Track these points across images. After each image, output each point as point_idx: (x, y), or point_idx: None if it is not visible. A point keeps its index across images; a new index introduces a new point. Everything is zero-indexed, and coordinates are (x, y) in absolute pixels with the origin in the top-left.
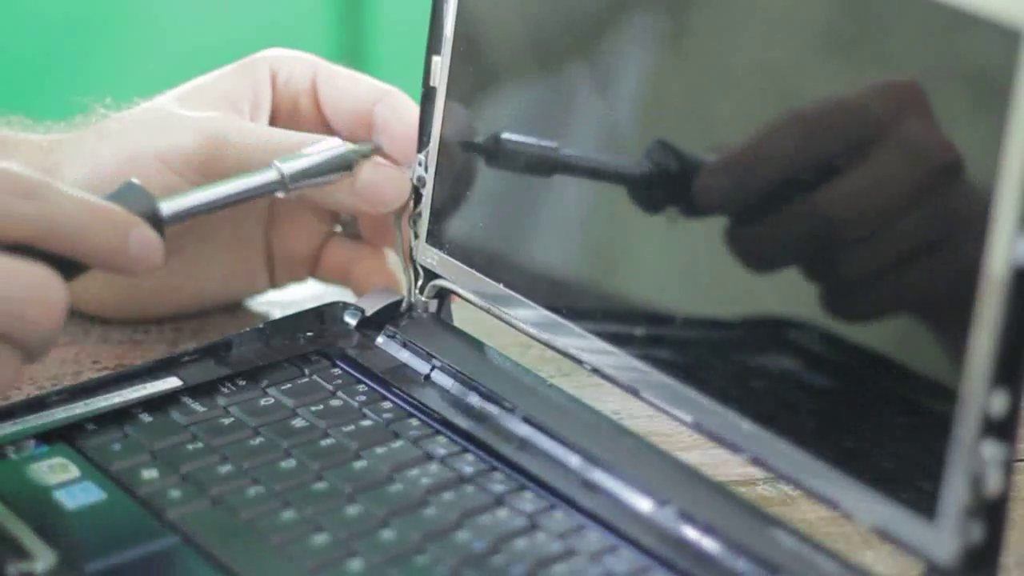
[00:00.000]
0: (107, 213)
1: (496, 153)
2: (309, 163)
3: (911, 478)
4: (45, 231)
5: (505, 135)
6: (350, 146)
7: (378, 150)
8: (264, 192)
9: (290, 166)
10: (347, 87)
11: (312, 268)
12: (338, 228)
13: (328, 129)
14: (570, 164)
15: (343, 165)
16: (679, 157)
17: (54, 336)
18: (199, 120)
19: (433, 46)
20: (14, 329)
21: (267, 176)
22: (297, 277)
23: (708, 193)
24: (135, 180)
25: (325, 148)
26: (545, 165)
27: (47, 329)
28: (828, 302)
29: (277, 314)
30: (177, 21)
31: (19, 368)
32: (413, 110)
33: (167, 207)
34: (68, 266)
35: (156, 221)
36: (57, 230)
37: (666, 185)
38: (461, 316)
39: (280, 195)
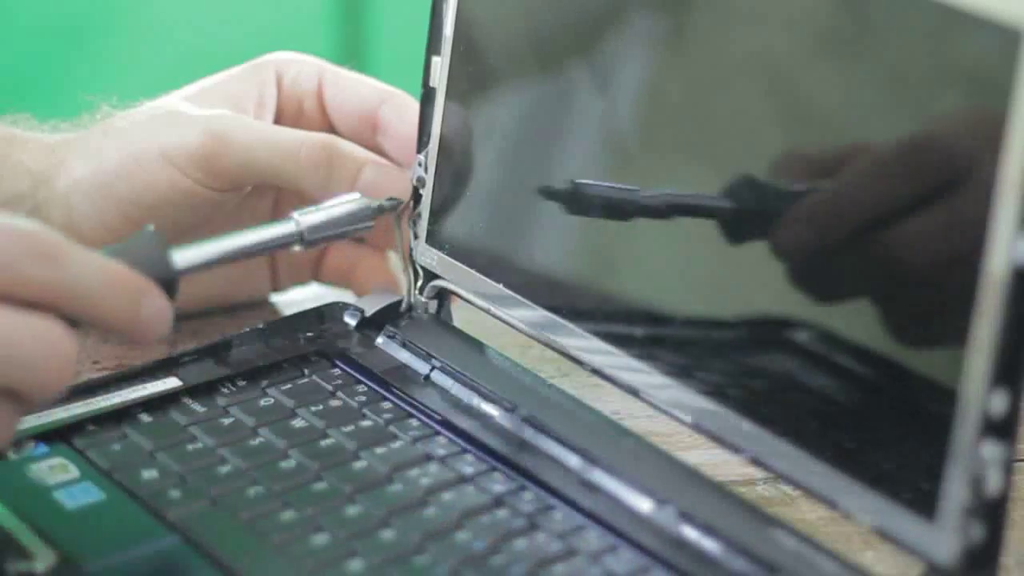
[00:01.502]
0: (122, 280)
1: (495, 153)
2: (328, 217)
3: (911, 478)
4: (58, 296)
5: (505, 136)
6: (372, 200)
7: (404, 206)
8: (281, 245)
9: (309, 219)
10: (352, 89)
11: (314, 271)
12: None
13: (333, 130)
14: (569, 164)
15: (364, 217)
16: (679, 159)
17: (60, 391)
18: (203, 117)
19: (433, 47)
20: (22, 384)
21: (285, 228)
22: (299, 280)
23: (707, 196)
24: (151, 227)
25: (346, 201)
26: (544, 165)
27: (55, 386)
28: (827, 302)
29: (277, 315)
30: (179, 23)
31: (18, 424)
32: (417, 112)
33: (181, 259)
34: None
35: (169, 275)
36: (70, 296)
37: (667, 183)
38: (461, 317)
39: (297, 248)
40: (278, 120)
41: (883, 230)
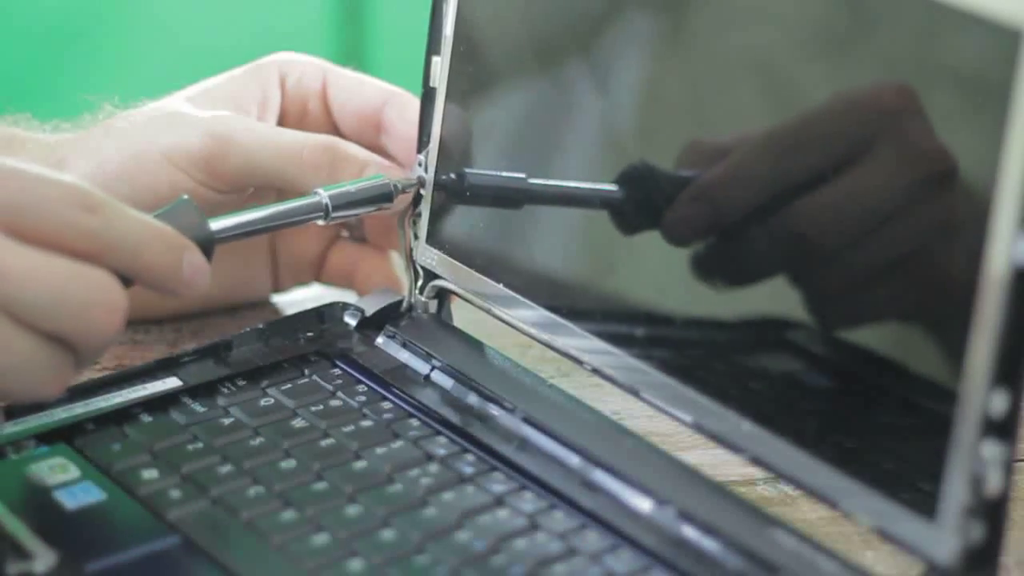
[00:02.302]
0: (164, 235)
1: (495, 153)
2: (352, 193)
3: (911, 478)
4: (104, 247)
5: (505, 136)
6: (394, 179)
7: (421, 184)
8: (305, 218)
9: (333, 194)
10: (355, 89)
11: (316, 272)
12: (344, 233)
13: (336, 131)
14: (569, 163)
15: (385, 197)
16: (677, 158)
17: (111, 341)
18: (205, 119)
19: (433, 47)
20: (76, 332)
21: (310, 202)
22: (301, 281)
23: (705, 198)
24: (187, 196)
25: (367, 179)
26: (544, 165)
27: (107, 333)
28: (828, 303)
29: (278, 315)
30: (180, 24)
31: (72, 374)
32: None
33: (217, 225)
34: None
35: (206, 238)
36: (116, 247)
37: (667, 183)
38: (461, 317)
39: (320, 223)
40: (282, 121)
41: (883, 230)
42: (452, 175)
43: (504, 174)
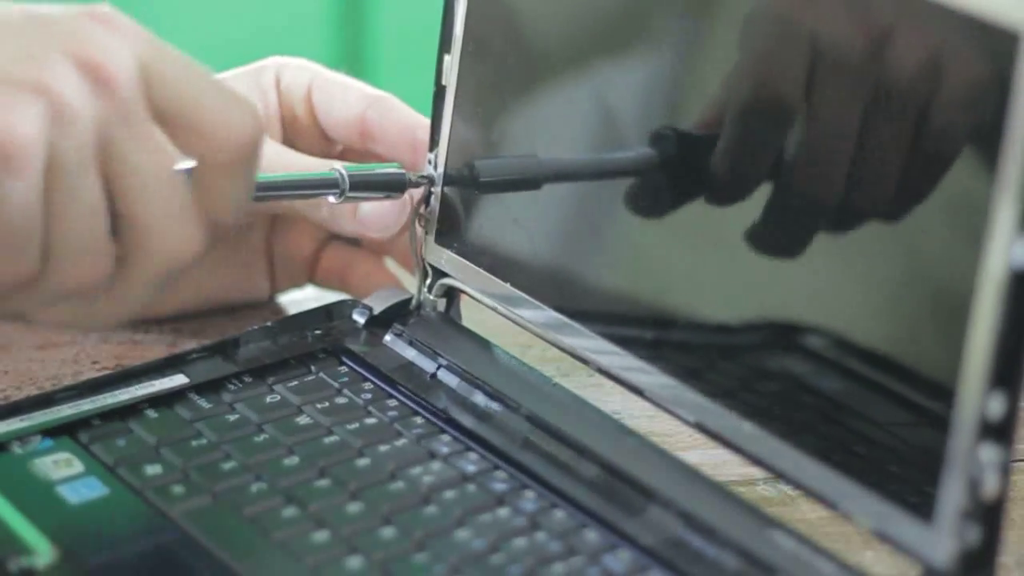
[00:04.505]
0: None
1: (506, 152)
2: (369, 174)
3: (909, 480)
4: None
5: (515, 135)
6: (406, 172)
7: (431, 182)
8: (320, 192)
9: (352, 173)
10: (338, 95)
11: (311, 273)
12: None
13: (324, 136)
14: (578, 164)
15: (398, 185)
16: (684, 155)
17: (169, 266)
18: None
19: (444, 45)
20: (147, 229)
21: (327, 176)
22: (296, 282)
23: (715, 198)
24: None
25: (383, 166)
26: (553, 165)
27: (173, 251)
28: (829, 306)
29: (280, 314)
30: (180, 22)
31: (109, 273)
32: (403, 114)
33: None
34: None
35: None
36: (222, 198)
37: (673, 185)
38: (466, 316)
39: (332, 199)
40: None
41: (880, 232)
42: (462, 173)
43: (513, 156)
